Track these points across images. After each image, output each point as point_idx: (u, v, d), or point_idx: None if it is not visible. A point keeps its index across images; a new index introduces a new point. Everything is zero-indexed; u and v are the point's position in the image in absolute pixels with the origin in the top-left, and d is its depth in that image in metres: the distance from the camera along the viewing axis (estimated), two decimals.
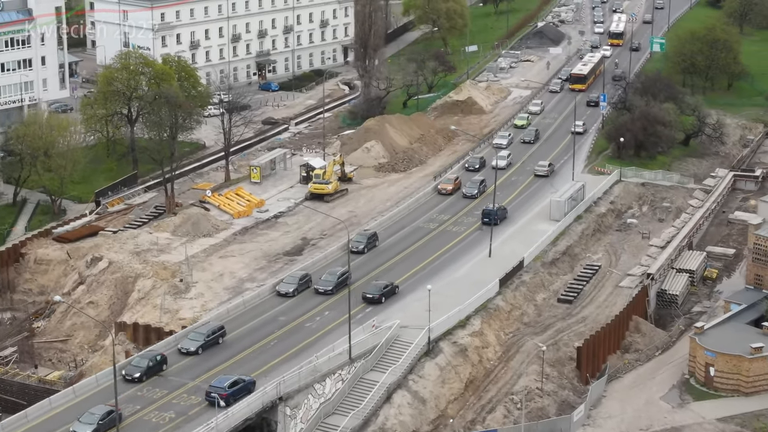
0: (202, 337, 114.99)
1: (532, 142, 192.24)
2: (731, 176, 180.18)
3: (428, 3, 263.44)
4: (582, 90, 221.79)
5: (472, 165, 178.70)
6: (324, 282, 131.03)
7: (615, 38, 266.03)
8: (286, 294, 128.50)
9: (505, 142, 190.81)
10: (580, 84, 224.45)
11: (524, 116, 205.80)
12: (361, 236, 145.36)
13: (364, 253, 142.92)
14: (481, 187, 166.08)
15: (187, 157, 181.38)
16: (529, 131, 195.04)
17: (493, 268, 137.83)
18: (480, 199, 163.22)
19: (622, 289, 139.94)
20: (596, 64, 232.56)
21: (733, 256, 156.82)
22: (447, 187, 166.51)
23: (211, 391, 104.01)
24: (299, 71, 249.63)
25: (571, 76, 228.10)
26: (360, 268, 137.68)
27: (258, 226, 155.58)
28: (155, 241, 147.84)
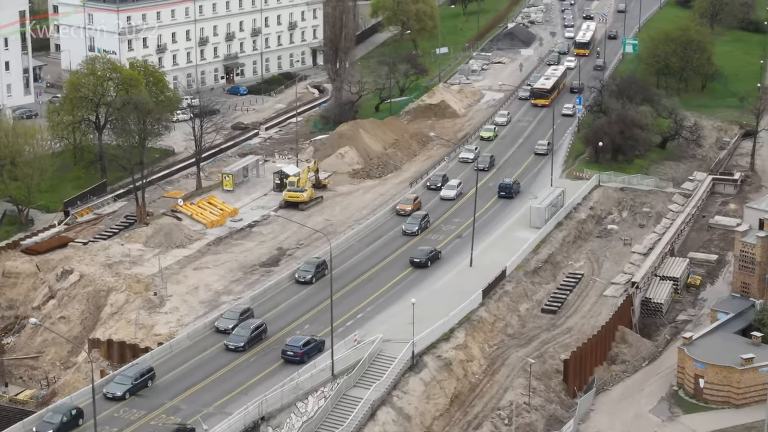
0: (129, 381, 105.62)
1: (486, 169, 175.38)
2: (710, 180, 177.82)
3: (397, 5, 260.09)
4: (545, 105, 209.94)
5: (434, 183, 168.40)
6: (235, 337, 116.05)
7: (581, 48, 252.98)
8: (225, 330, 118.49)
9: (471, 156, 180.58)
10: (542, 99, 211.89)
11: (491, 128, 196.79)
12: (309, 265, 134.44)
13: (312, 283, 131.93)
14: (422, 223, 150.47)
15: (157, 163, 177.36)
16: (483, 158, 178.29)
17: (475, 278, 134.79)
18: (421, 236, 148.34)
19: (606, 298, 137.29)
20: (560, 77, 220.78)
21: (715, 262, 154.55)
22: (406, 208, 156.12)
23: (287, 350, 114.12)
24: (268, 74, 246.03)
25: (534, 90, 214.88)
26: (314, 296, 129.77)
27: (232, 236, 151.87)
28: (127, 252, 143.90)
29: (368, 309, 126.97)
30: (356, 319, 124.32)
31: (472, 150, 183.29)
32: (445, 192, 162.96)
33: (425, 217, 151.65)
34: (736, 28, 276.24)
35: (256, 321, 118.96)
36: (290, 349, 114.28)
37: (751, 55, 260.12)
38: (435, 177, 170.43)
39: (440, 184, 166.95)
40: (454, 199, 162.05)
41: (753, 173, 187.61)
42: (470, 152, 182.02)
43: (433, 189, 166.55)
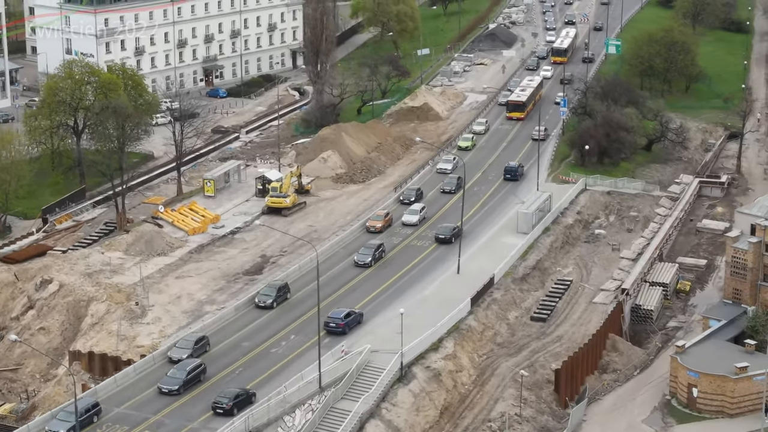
0: (71, 417, 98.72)
1: (453, 191, 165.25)
2: (697, 183, 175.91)
3: (378, 6, 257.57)
4: (520, 119, 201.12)
5: (408, 198, 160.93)
6: (170, 380, 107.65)
7: (558, 55, 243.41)
8: (179, 360, 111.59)
9: (449, 166, 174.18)
10: (517, 112, 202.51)
11: (468, 137, 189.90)
12: (270, 288, 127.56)
13: (273, 308, 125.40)
14: (377, 254, 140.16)
15: (136, 168, 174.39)
16: (450, 180, 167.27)
17: (462, 286, 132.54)
18: (376, 266, 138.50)
19: (596, 305, 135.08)
20: (535, 88, 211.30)
21: (704, 267, 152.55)
22: (376, 225, 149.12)
23: (330, 322, 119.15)
24: (247, 77, 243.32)
25: (508, 103, 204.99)
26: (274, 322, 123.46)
27: (214, 243, 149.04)
28: (107, 261, 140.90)
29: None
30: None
31: (450, 161, 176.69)
32: (406, 217, 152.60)
33: (379, 247, 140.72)
34: (717, 28, 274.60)
35: (193, 362, 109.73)
36: (333, 321, 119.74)
37: (734, 56, 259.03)
38: (408, 191, 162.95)
39: (413, 198, 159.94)
40: (417, 224, 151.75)
41: (739, 176, 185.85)
42: (448, 163, 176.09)
43: (407, 203, 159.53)
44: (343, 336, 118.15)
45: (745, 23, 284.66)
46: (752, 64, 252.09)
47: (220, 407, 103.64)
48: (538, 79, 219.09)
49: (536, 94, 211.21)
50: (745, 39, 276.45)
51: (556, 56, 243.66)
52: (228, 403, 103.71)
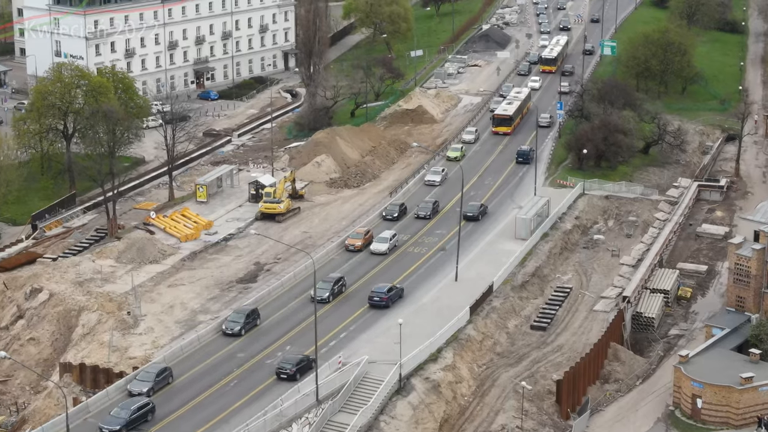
0: None
1: (428, 217, 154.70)
2: (696, 187, 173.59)
3: (370, 6, 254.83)
4: (507, 133, 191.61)
5: (390, 213, 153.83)
6: (112, 419, 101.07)
7: (547, 64, 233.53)
8: (139, 394, 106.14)
9: (438, 178, 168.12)
10: (504, 126, 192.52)
11: (458, 147, 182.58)
12: (239, 314, 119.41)
13: (241, 335, 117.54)
14: (336, 288, 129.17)
15: (127, 173, 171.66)
16: (425, 204, 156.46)
17: (461, 293, 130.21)
18: (336, 302, 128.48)
19: (597, 313, 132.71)
20: (523, 101, 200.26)
21: (705, 272, 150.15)
22: (355, 243, 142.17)
23: (374, 296, 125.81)
24: (239, 78, 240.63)
25: (494, 117, 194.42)
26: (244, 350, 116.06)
27: (207, 250, 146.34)
28: (98, 269, 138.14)
29: (352, 328, 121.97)
30: (339, 338, 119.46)
31: (439, 172, 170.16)
32: (375, 245, 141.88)
33: (340, 281, 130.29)
34: (712, 28, 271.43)
35: (138, 401, 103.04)
36: (376, 295, 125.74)
37: (729, 56, 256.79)
38: (392, 207, 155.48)
39: (396, 214, 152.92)
40: (386, 253, 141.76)
41: (738, 179, 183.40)
42: (436, 174, 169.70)
43: (390, 219, 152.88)
44: (386, 309, 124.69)
45: (740, 24, 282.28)
46: (748, 65, 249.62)
47: (284, 372, 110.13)
48: (526, 91, 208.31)
49: (524, 107, 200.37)
50: (740, 39, 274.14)
51: (545, 65, 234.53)
52: (291, 368, 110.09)
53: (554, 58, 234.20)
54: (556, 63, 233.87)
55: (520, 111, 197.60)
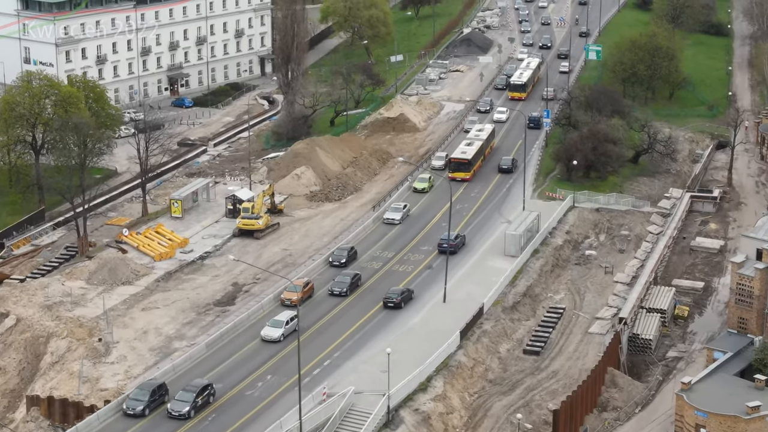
0: None
1: (345, 294, 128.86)
2: (688, 198, 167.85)
3: (348, 10, 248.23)
4: (466, 180, 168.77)
5: (338, 259, 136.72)
6: None
7: (516, 90, 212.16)
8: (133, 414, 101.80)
9: (398, 216, 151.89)
10: (462, 172, 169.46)
11: (425, 177, 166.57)
12: (142, 391, 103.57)
13: (145, 416, 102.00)
14: (285, 328, 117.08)
15: (99, 186, 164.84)
16: (342, 278, 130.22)
17: (450, 316, 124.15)
18: (321, 323, 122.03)
19: (592, 335, 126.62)
20: (486, 140, 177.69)
21: (702, 289, 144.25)
22: (292, 297, 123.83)
23: (389, 298, 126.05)
24: (214, 85, 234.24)
25: (451, 161, 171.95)
26: None
27: (183, 269, 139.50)
28: (68, 291, 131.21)
29: (336, 355, 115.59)
30: (323, 367, 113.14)
31: (400, 209, 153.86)
32: (267, 331, 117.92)
33: (292, 319, 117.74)
34: (697, 31, 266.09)
35: None
36: (390, 300, 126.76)
37: (715, 60, 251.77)
38: (339, 251, 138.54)
39: (344, 260, 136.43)
40: (280, 340, 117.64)
41: (731, 189, 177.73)
42: (397, 212, 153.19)
43: (337, 266, 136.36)
44: (375, 334, 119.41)
45: (725, 26, 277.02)
46: (735, 69, 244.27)
47: (390, 302, 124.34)
48: (489, 128, 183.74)
49: (486, 147, 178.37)
50: (726, 43, 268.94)
51: (514, 92, 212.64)
52: (397, 297, 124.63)
53: (524, 83, 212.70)
54: (526, 89, 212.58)
55: (481, 153, 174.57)
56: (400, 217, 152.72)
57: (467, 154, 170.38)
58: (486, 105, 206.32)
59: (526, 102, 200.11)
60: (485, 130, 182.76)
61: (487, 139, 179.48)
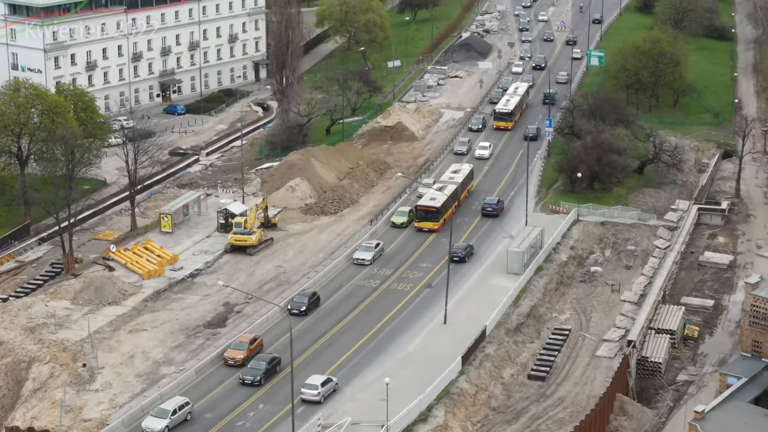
0: None
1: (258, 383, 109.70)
2: (696, 210, 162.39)
3: (345, 14, 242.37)
4: (434, 230, 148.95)
5: (297, 307, 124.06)
6: None
7: (502, 119, 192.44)
8: None
9: (369, 256, 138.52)
10: (430, 222, 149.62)
11: (404, 211, 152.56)
12: (162, 412, 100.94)
13: None
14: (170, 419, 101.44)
15: (87, 197, 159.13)
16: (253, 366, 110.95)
17: (450, 339, 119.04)
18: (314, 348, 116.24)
19: (599, 359, 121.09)
20: (462, 182, 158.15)
21: (712, 308, 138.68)
22: (236, 356, 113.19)
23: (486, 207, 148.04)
24: (207, 91, 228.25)
25: (417, 208, 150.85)
26: None
27: (172, 288, 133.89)
28: (52, 312, 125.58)
29: (332, 382, 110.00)
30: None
31: (371, 248, 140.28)
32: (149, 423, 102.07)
33: (182, 408, 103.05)
34: (700, 35, 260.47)
35: None
36: (489, 206, 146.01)
37: (719, 65, 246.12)
38: (299, 298, 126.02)
39: (304, 308, 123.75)
40: None
41: (739, 200, 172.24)
42: (368, 251, 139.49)
43: (296, 314, 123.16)
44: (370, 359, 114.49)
45: (729, 30, 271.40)
46: (740, 75, 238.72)
47: (456, 256, 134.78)
48: (466, 169, 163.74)
49: (462, 192, 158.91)
50: (730, 47, 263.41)
51: (500, 121, 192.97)
52: (461, 252, 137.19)
53: (510, 111, 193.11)
54: (512, 118, 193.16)
55: (455, 198, 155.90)
56: (371, 258, 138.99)
57: (436, 201, 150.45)
58: (463, 146, 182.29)
59: None
60: (461, 171, 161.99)
61: (464, 181, 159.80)
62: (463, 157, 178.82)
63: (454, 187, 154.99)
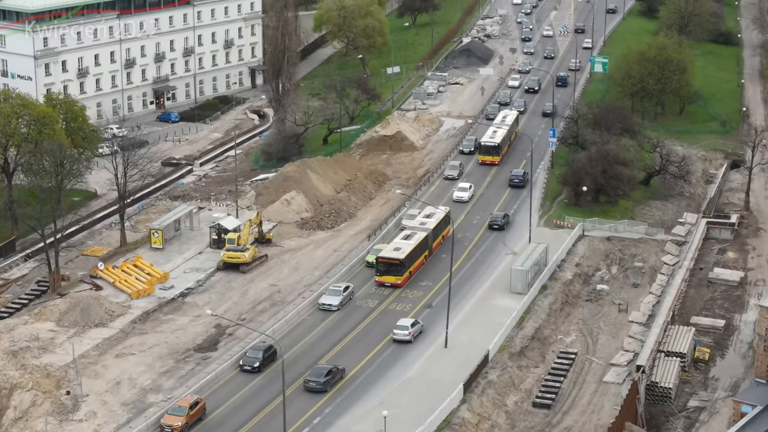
0: None
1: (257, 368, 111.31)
2: (704, 224, 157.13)
3: (343, 19, 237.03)
4: (396, 285, 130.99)
5: (250, 363, 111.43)
6: None
7: (488, 154, 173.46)
8: None
9: (336, 302, 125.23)
10: (392, 276, 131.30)
11: (380, 249, 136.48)
12: None
13: None
14: None
15: (75, 210, 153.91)
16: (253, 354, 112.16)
17: (451, 364, 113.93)
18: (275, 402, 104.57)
19: (607, 385, 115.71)
20: (434, 229, 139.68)
21: (723, 328, 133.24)
22: (174, 423, 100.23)
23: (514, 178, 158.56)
24: (202, 98, 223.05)
25: (378, 260, 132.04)
26: None
27: (162, 309, 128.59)
28: (36, 334, 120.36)
29: (327, 411, 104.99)
30: (312, 426, 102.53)
31: (339, 291, 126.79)
32: None
33: None
34: (706, 40, 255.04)
35: None
36: (516, 177, 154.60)
37: (725, 71, 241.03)
38: (253, 353, 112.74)
39: (257, 364, 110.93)
40: None
41: (748, 213, 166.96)
42: (335, 295, 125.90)
43: (249, 371, 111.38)
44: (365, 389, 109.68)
45: (734, 35, 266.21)
46: (746, 81, 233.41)
47: (495, 224, 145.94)
48: (439, 214, 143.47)
49: (431, 241, 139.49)
50: (735, 52, 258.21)
51: (486, 155, 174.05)
52: (501, 221, 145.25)
53: (497, 145, 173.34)
54: (499, 151, 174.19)
55: (423, 248, 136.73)
56: (339, 303, 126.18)
57: (401, 251, 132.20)
58: (454, 170, 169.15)
59: None
60: (434, 216, 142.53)
61: (437, 227, 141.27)
62: (454, 182, 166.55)
63: (424, 235, 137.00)
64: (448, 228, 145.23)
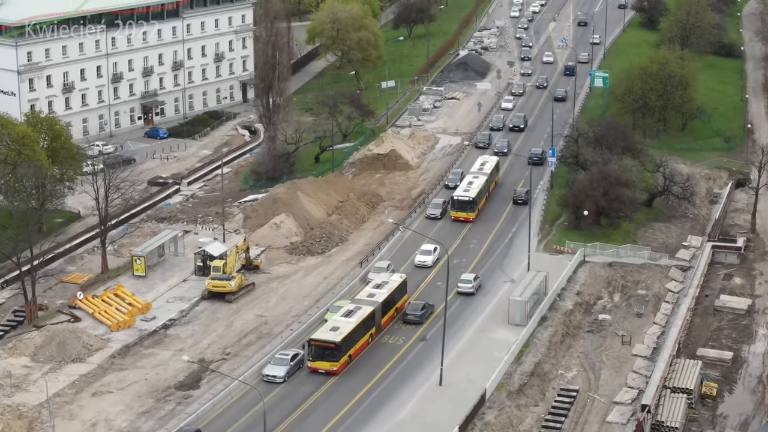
0: None
1: None
2: (710, 248, 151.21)
3: (337, 32, 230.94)
4: (332, 372, 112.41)
5: None
6: None
7: (463, 209, 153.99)
8: None
9: (281, 372, 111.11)
10: (327, 361, 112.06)
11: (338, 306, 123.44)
12: None
13: None
14: None
15: (53, 236, 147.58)
16: None
17: (446, 404, 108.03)
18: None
19: (611, 426, 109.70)
20: (378, 306, 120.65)
21: (730, 360, 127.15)
22: None
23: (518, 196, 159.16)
24: (191, 113, 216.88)
25: (310, 343, 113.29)
26: None
27: (142, 342, 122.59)
28: (9, 370, 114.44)
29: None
30: None
31: (286, 360, 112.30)
32: None
33: None
34: (708, 53, 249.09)
35: None
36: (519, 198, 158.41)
37: (728, 85, 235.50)
38: None
39: None
40: None
41: (755, 236, 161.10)
42: (280, 366, 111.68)
43: None
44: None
45: (737, 47, 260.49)
46: (750, 96, 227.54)
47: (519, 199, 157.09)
48: (395, 280, 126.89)
49: (385, 312, 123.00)
50: (738, 65, 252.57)
51: (460, 211, 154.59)
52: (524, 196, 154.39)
53: (472, 200, 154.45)
54: (475, 207, 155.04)
55: (366, 328, 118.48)
56: (283, 375, 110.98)
57: (337, 334, 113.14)
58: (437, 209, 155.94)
59: None
60: (389, 283, 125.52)
61: (386, 301, 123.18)
62: (436, 221, 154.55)
63: (370, 310, 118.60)
64: (404, 297, 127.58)
